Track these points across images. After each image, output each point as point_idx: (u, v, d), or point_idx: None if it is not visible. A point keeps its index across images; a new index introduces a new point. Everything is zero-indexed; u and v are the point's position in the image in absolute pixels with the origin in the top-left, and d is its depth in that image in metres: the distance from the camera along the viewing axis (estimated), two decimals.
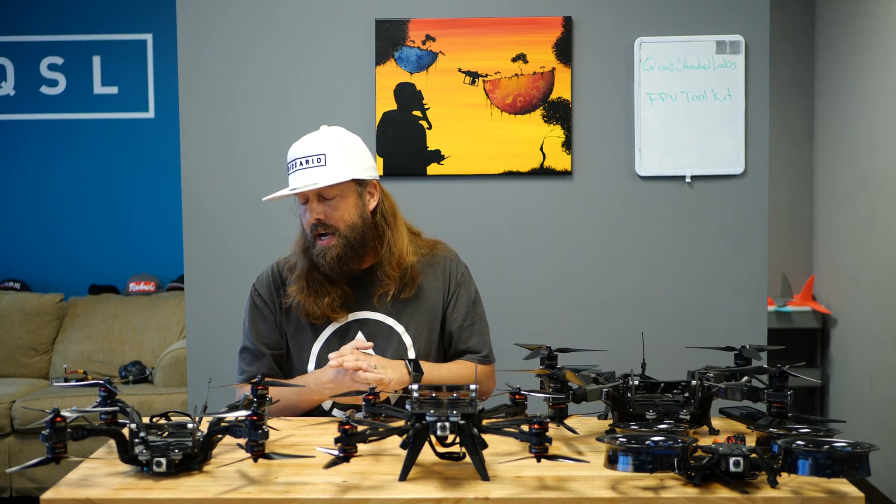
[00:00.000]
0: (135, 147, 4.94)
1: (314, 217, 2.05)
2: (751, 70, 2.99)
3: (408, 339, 2.14)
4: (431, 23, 2.98)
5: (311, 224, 2.06)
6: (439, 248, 2.24)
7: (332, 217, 2.06)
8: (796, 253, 4.72)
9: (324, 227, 2.05)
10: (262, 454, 1.50)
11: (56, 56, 4.92)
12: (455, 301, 2.19)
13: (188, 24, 3.01)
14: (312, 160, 2.05)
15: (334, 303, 2.09)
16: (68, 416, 1.47)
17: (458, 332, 2.18)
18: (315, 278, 2.10)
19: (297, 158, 2.07)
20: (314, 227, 2.06)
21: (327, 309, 2.09)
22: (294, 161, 2.07)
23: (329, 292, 2.09)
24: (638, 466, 1.40)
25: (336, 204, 2.06)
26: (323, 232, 2.06)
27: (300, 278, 2.11)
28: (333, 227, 2.06)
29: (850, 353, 4.29)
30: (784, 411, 1.71)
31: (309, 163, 2.05)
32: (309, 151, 2.06)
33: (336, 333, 2.12)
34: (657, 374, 1.87)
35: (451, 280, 2.20)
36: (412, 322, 2.14)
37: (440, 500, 1.41)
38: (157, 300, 4.68)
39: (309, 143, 2.08)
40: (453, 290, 2.20)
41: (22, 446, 4.02)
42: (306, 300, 2.09)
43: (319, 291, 2.09)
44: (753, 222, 3.01)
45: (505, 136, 2.99)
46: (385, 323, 2.13)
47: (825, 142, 4.55)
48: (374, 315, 2.14)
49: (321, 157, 2.05)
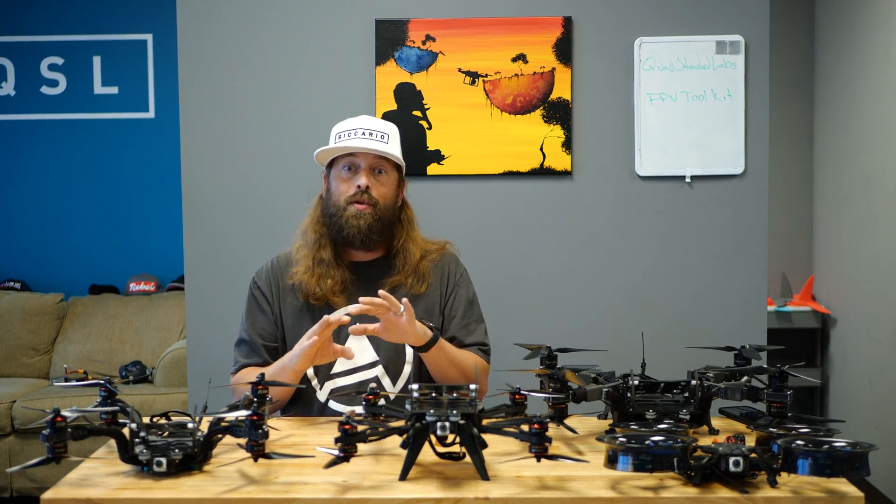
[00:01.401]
0: (135, 147, 4.94)
1: (366, 183, 2.10)
2: (751, 70, 2.99)
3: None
4: (431, 23, 2.98)
5: (358, 190, 2.10)
6: (447, 250, 2.28)
7: (377, 191, 2.12)
8: (796, 253, 4.72)
9: (368, 196, 2.11)
10: (262, 454, 1.50)
11: (56, 56, 4.92)
12: (453, 299, 2.21)
13: (188, 24, 3.01)
14: (377, 134, 2.14)
15: (336, 286, 2.12)
16: (68, 415, 1.47)
17: (456, 330, 2.19)
18: (322, 258, 2.13)
19: (362, 128, 2.14)
20: (358, 194, 2.10)
21: (328, 291, 2.11)
22: (356, 129, 2.13)
23: (332, 275, 2.12)
24: (638, 466, 1.40)
25: (384, 180, 2.15)
26: (364, 201, 2.11)
27: (307, 257, 2.14)
28: (376, 200, 2.11)
29: (849, 353, 4.29)
30: (784, 411, 1.71)
31: (373, 135, 2.13)
32: (374, 126, 2.15)
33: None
34: (657, 374, 1.87)
35: (449, 279, 2.23)
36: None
37: (440, 500, 1.41)
38: (157, 300, 4.68)
39: (371, 119, 2.18)
40: (451, 289, 2.22)
41: (22, 446, 4.02)
42: (310, 280, 2.12)
43: (324, 273, 2.12)
44: (753, 222, 3.01)
45: (505, 136, 2.99)
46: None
47: (825, 142, 4.55)
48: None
49: (385, 135, 2.15)
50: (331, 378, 2.13)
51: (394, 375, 2.13)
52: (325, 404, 2.12)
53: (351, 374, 2.13)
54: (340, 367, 2.13)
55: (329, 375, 2.13)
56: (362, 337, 2.12)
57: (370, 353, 2.13)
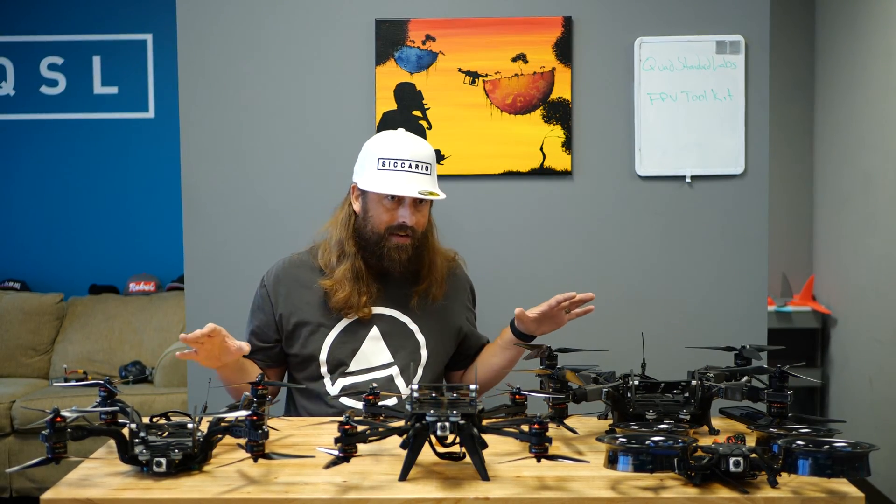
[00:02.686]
0: (135, 147, 4.94)
1: (413, 221, 2.11)
2: (751, 70, 2.98)
3: (421, 338, 2.20)
4: (431, 23, 2.97)
5: (401, 224, 2.10)
6: (457, 260, 2.36)
7: (419, 223, 2.14)
8: (796, 253, 4.72)
9: (410, 229, 2.12)
10: (262, 454, 1.50)
11: (56, 56, 4.92)
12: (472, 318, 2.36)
13: (188, 24, 3.01)
14: (422, 167, 2.13)
15: (368, 301, 2.16)
16: (68, 416, 1.47)
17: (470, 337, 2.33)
18: (359, 272, 2.15)
19: (407, 160, 2.11)
20: (401, 228, 2.11)
21: (361, 305, 2.14)
22: (402, 161, 2.11)
23: (368, 291, 2.15)
24: (638, 466, 1.40)
25: (425, 211, 2.17)
26: (404, 234, 2.12)
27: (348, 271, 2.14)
28: (415, 230, 2.13)
29: (850, 353, 4.29)
30: (784, 411, 1.71)
31: (419, 168, 2.12)
32: (417, 157, 2.13)
33: (354, 323, 2.17)
34: (657, 374, 1.87)
35: (471, 297, 2.38)
36: (427, 323, 2.21)
37: (440, 500, 1.41)
38: (157, 300, 4.68)
39: (415, 147, 2.15)
40: (472, 309, 2.38)
41: (22, 446, 4.02)
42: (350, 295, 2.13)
43: (361, 289, 2.14)
44: (753, 222, 3.01)
45: (505, 136, 2.99)
46: (400, 320, 2.20)
47: (825, 142, 4.55)
48: (392, 311, 2.20)
49: (428, 166, 2.14)
50: (344, 376, 2.15)
51: (408, 378, 2.15)
52: (337, 399, 2.14)
53: (365, 373, 2.15)
54: (356, 366, 2.15)
55: (343, 374, 2.15)
56: (378, 338, 2.17)
57: (385, 354, 2.16)
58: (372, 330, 2.17)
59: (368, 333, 2.17)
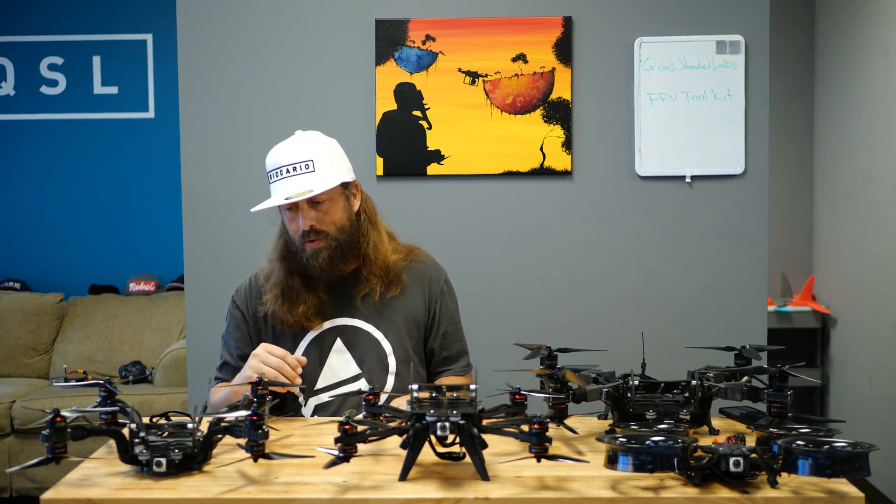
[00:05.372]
0: (135, 147, 4.94)
1: (308, 224, 2.04)
2: (751, 70, 2.98)
3: (387, 346, 2.13)
4: (431, 23, 2.98)
5: (304, 231, 2.05)
6: (417, 253, 2.23)
7: (323, 222, 2.05)
8: (796, 253, 4.72)
9: (315, 232, 2.05)
10: (262, 454, 1.50)
11: (56, 56, 4.92)
12: (439, 309, 2.19)
13: (188, 24, 3.01)
14: (300, 166, 2.03)
15: (309, 311, 2.09)
16: (68, 416, 1.47)
17: (441, 340, 2.19)
18: (292, 286, 2.10)
19: (283, 166, 2.05)
20: (306, 234, 2.05)
21: (301, 317, 2.09)
22: (279, 169, 2.05)
23: (304, 301, 2.09)
24: (638, 466, 1.40)
25: (327, 208, 2.06)
26: (314, 238, 2.05)
27: (276, 286, 2.11)
28: (325, 231, 2.05)
29: (850, 353, 4.29)
30: (784, 411, 1.71)
31: (297, 169, 2.03)
32: (295, 158, 2.04)
33: (314, 341, 2.12)
34: (657, 374, 1.87)
35: (432, 288, 2.20)
36: (391, 328, 2.14)
37: (440, 500, 1.41)
38: (157, 300, 4.68)
39: (292, 149, 2.06)
40: (436, 298, 2.20)
41: (22, 446, 4.02)
42: (280, 308, 2.09)
43: (295, 300, 2.09)
44: (753, 222, 3.01)
45: (505, 136, 2.99)
46: (363, 329, 2.13)
47: (825, 142, 4.55)
48: (353, 321, 2.13)
49: (308, 162, 2.04)
50: (314, 394, 2.12)
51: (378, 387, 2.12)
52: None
53: (334, 388, 2.11)
54: (324, 382, 2.12)
55: (313, 392, 2.12)
56: (345, 350, 2.12)
57: (353, 366, 2.12)
58: (336, 343, 2.12)
59: (333, 346, 2.12)
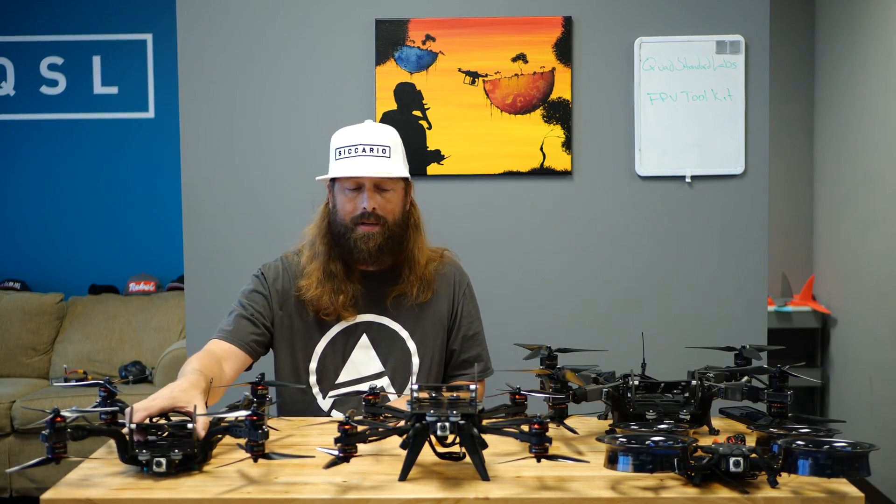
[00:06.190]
0: (135, 147, 4.94)
1: (372, 205, 2.04)
2: (751, 70, 2.98)
3: (412, 345, 2.13)
4: (431, 23, 2.98)
5: (364, 211, 2.04)
6: (447, 257, 2.24)
7: (384, 208, 2.06)
8: (796, 253, 4.72)
9: (375, 217, 2.05)
10: (262, 454, 1.50)
11: (56, 56, 4.92)
12: (461, 311, 2.20)
13: (188, 24, 3.01)
14: (378, 149, 2.05)
15: (347, 301, 2.08)
16: (68, 416, 1.47)
17: (461, 343, 2.19)
18: (333, 273, 2.08)
19: (362, 144, 2.05)
20: (364, 215, 2.04)
21: (340, 307, 2.08)
22: (355, 146, 2.05)
23: (345, 290, 2.08)
24: (638, 466, 1.40)
25: (390, 196, 2.08)
26: (372, 221, 2.05)
27: (318, 270, 2.09)
28: (384, 218, 2.06)
29: (850, 353, 4.29)
30: (784, 411, 1.70)
31: (374, 151, 2.05)
32: (374, 140, 2.06)
33: (342, 333, 2.11)
34: (657, 374, 1.87)
35: (457, 290, 2.21)
36: (417, 328, 2.14)
37: (440, 500, 1.41)
38: (157, 300, 4.68)
39: (370, 132, 2.08)
40: (459, 300, 2.20)
41: (22, 446, 4.02)
42: (322, 295, 2.07)
43: (337, 288, 2.08)
44: (753, 222, 3.01)
45: (505, 136, 2.99)
46: (390, 327, 2.13)
47: (825, 142, 4.55)
48: (381, 319, 2.13)
49: (386, 148, 2.06)
50: (335, 387, 2.11)
51: (399, 387, 2.12)
52: (328, 413, 2.11)
53: (356, 384, 2.11)
54: (346, 376, 2.12)
55: (334, 385, 2.11)
56: (370, 347, 2.12)
57: (376, 363, 2.12)
58: (361, 338, 2.12)
59: (358, 342, 2.12)
